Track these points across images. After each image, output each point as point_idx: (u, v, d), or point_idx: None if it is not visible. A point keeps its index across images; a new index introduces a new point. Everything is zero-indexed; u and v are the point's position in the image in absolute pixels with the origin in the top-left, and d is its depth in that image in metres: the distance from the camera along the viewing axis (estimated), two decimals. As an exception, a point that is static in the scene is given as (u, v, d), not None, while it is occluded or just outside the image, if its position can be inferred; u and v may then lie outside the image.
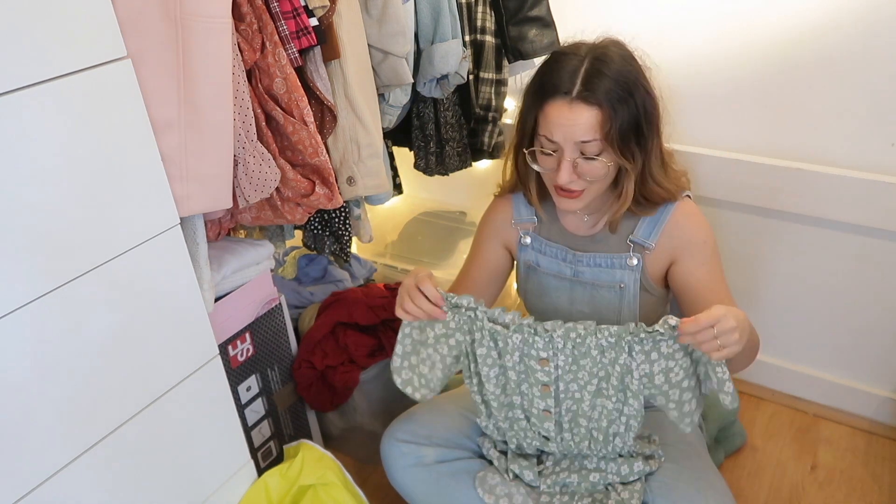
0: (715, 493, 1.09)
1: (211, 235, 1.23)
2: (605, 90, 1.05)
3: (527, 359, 1.09)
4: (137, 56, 0.87)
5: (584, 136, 1.06)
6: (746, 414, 1.74)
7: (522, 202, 1.28)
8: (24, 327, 0.83)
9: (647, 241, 1.18)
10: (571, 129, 1.06)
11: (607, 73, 1.06)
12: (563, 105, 1.06)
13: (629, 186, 1.13)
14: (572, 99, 1.06)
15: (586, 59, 1.07)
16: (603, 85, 1.05)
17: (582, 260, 1.22)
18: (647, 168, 1.12)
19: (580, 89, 1.05)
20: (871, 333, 1.60)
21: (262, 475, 1.26)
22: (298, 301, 1.75)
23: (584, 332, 1.03)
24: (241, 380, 1.37)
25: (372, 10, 1.22)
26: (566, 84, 1.06)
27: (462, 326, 1.11)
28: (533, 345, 1.08)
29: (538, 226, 1.28)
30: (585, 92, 1.05)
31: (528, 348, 1.08)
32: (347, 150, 1.23)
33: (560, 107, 1.07)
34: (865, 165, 1.44)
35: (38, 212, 0.81)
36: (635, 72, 1.09)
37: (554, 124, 1.07)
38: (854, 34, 1.36)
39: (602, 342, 1.03)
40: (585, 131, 1.06)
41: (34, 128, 0.78)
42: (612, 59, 1.07)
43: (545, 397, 1.11)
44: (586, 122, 1.05)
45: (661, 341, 1.00)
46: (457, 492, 1.20)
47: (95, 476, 0.96)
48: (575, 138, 1.07)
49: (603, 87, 1.05)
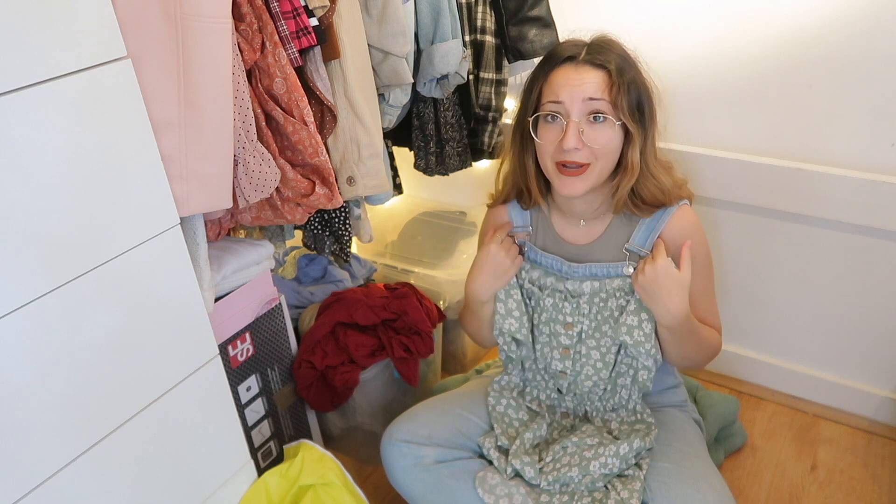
0: (715, 493, 1.09)
1: (211, 235, 1.23)
2: (610, 58, 1.08)
3: (553, 323, 1.22)
4: (137, 56, 0.87)
5: (591, 93, 1.07)
6: (746, 414, 1.75)
7: (517, 211, 1.28)
8: (24, 327, 0.83)
9: (643, 249, 1.18)
10: (580, 88, 1.07)
11: (611, 48, 1.10)
12: (570, 68, 1.09)
13: (634, 156, 1.12)
14: (578, 62, 1.09)
15: (587, 42, 1.12)
16: (608, 53, 1.09)
17: (577, 271, 1.22)
18: (644, 158, 1.13)
19: (586, 54, 1.09)
20: (870, 333, 1.60)
21: (262, 475, 1.25)
22: (298, 301, 1.75)
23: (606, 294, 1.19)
24: (241, 380, 1.37)
25: (372, 10, 1.22)
26: (571, 51, 1.10)
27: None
28: (561, 309, 1.21)
29: (533, 235, 1.27)
30: (592, 56, 1.08)
31: (557, 313, 1.21)
32: (347, 150, 1.23)
33: (566, 69, 1.09)
34: (865, 165, 1.44)
35: (38, 212, 0.81)
36: (633, 60, 1.12)
37: (560, 85, 1.09)
38: (854, 34, 1.36)
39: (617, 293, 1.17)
40: (593, 89, 1.07)
41: (34, 128, 0.78)
42: (614, 42, 1.12)
43: (564, 359, 1.24)
44: (593, 80, 1.08)
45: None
46: (457, 492, 1.20)
47: (95, 476, 0.96)
48: (584, 95, 1.07)
49: (607, 54, 1.09)
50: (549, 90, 1.10)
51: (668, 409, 1.29)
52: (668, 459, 1.15)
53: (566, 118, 1.08)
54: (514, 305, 1.24)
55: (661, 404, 1.30)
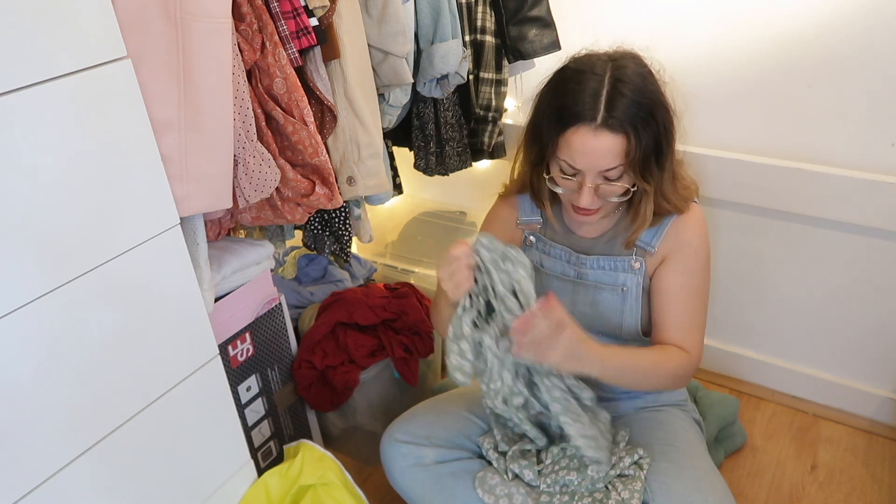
0: (715, 494, 1.09)
1: (211, 235, 1.23)
2: (629, 115, 1.03)
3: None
4: (137, 56, 0.87)
5: (608, 164, 1.05)
6: (746, 414, 1.74)
7: (528, 202, 1.28)
8: (24, 327, 0.83)
9: (650, 245, 1.18)
10: (597, 159, 1.05)
11: (630, 95, 1.03)
12: (588, 133, 1.04)
13: (647, 209, 1.13)
14: (597, 126, 1.03)
15: (606, 79, 1.04)
16: (626, 109, 1.03)
17: (585, 262, 1.22)
18: (660, 186, 1.12)
19: (604, 116, 1.03)
20: (871, 333, 1.60)
21: (262, 475, 1.25)
22: (298, 301, 1.75)
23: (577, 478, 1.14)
24: (241, 380, 1.37)
25: (372, 10, 1.22)
26: (589, 110, 1.03)
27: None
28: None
29: (543, 227, 1.28)
30: (610, 119, 1.03)
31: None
32: (347, 150, 1.23)
33: (584, 135, 1.04)
34: (865, 165, 1.44)
35: (38, 212, 0.81)
36: (655, 90, 1.07)
37: (578, 153, 1.06)
38: (854, 34, 1.35)
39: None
40: (611, 159, 1.05)
41: (34, 128, 0.78)
42: (633, 79, 1.05)
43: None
44: (611, 149, 1.04)
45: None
46: (456, 492, 1.19)
47: (95, 476, 0.96)
48: (600, 167, 1.06)
49: (627, 112, 1.03)
50: (567, 151, 1.07)
51: (668, 409, 1.29)
52: (668, 459, 1.15)
53: (581, 179, 1.09)
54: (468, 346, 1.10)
55: (661, 403, 1.30)
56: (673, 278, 1.18)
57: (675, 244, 1.17)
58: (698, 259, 1.18)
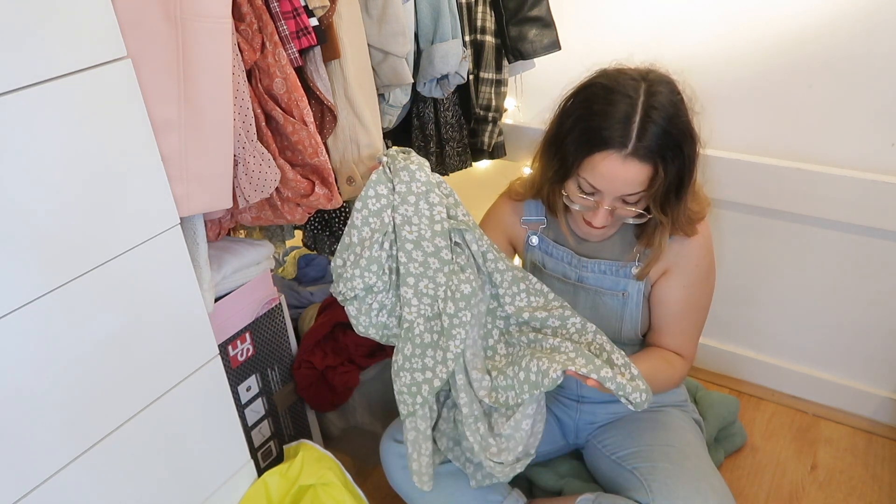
0: (715, 494, 1.09)
1: (211, 235, 1.23)
2: (659, 146, 1.01)
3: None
4: (137, 56, 0.87)
5: (631, 191, 1.05)
6: (746, 414, 1.74)
7: (533, 203, 1.28)
8: (24, 327, 0.83)
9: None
10: (620, 185, 1.04)
11: (662, 125, 1.01)
12: (617, 160, 1.02)
13: (663, 241, 1.13)
14: (627, 154, 1.01)
15: (639, 104, 1.01)
16: (657, 139, 1.01)
17: (587, 266, 1.22)
18: (675, 216, 1.11)
19: (635, 144, 1.00)
20: (871, 333, 1.60)
21: (262, 475, 1.25)
22: (298, 301, 1.75)
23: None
24: (241, 380, 1.37)
25: (372, 10, 1.22)
26: (620, 137, 1.01)
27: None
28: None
29: (546, 227, 1.28)
30: (641, 148, 1.01)
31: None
32: (347, 150, 1.23)
33: (613, 161, 1.02)
34: (865, 165, 1.44)
35: (38, 212, 0.81)
36: (686, 121, 1.05)
37: (602, 177, 1.04)
38: (854, 34, 1.35)
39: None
40: (635, 187, 1.04)
41: (34, 128, 0.78)
42: (666, 108, 1.02)
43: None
44: (637, 177, 1.03)
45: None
46: (455, 492, 1.20)
47: (95, 476, 0.96)
48: (621, 192, 1.05)
49: (657, 143, 1.01)
50: (591, 173, 1.05)
51: (668, 409, 1.29)
52: (668, 459, 1.16)
53: (600, 200, 1.08)
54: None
55: (660, 404, 1.30)
56: (674, 292, 1.18)
57: (676, 257, 1.17)
58: (699, 272, 1.18)
